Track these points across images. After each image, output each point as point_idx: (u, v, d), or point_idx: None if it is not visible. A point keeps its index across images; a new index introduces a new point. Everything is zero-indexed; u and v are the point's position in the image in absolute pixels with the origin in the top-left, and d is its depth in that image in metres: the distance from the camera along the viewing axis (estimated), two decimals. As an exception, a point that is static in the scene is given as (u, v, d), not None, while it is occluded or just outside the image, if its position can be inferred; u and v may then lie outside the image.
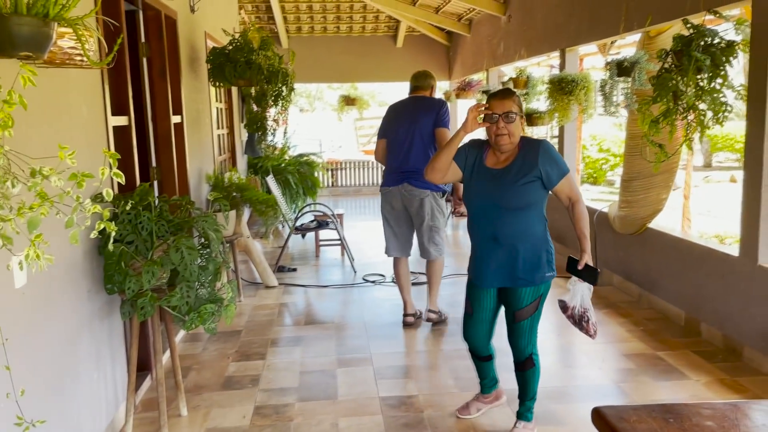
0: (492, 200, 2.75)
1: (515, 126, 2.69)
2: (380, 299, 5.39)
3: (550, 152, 2.74)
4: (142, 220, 2.77)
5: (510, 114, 2.67)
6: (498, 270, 2.81)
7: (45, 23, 1.76)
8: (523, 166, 2.71)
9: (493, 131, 2.70)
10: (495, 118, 2.67)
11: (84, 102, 2.81)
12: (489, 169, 2.80)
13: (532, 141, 2.79)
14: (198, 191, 5.02)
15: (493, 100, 2.71)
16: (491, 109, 2.68)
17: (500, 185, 2.73)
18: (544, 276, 2.84)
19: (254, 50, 5.12)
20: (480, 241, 2.86)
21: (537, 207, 2.77)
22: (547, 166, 2.71)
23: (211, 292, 2.96)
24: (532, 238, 2.78)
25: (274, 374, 3.78)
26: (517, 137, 2.72)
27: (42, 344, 2.30)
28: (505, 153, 2.76)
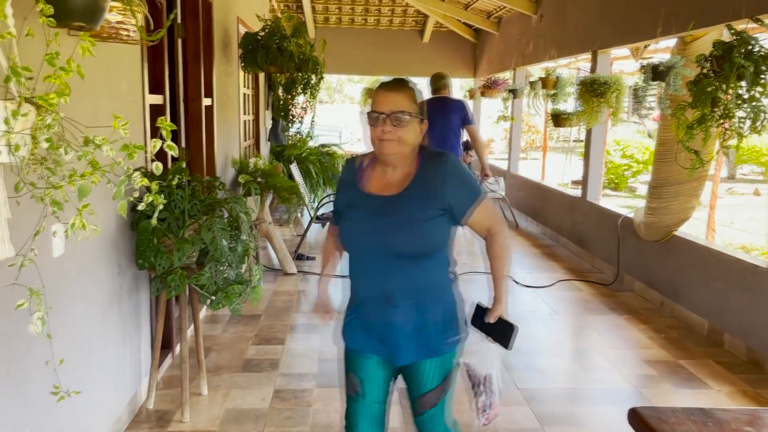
0: (380, 244, 1.85)
1: (408, 130, 1.81)
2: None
3: (460, 171, 1.88)
4: (175, 199, 2.79)
5: (400, 115, 1.79)
6: (391, 340, 1.92)
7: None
8: (425, 193, 1.84)
9: (377, 135, 1.82)
10: (379, 119, 1.80)
11: (123, 77, 2.83)
12: (372, 196, 1.90)
13: (436, 155, 1.90)
14: (224, 174, 5.05)
15: (378, 94, 1.85)
16: (375, 106, 1.83)
17: (392, 221, 1.84)
18: (455, 341, 1.97)
19: (287, 37, 5.13)
20: (365, 301, 1.97)
21: (444, 250, 1.95)
22: (457, 193, 1.86)
23: (238, 273, 2.98)
24: (439, 293, 1.96)
25: (292, 359, 3.79)
26: (410, 145, 1.84)
27: (75, 316, 2.32)
28: (395, 168, 1.89)
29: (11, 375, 1.89)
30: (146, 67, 3.13)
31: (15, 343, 1.88)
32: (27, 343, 1.90)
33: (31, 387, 1.98)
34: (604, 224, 6.03)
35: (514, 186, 9.07)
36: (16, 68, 1.29)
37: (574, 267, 6.22)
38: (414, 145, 1.86)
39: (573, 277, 5.81)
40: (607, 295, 5.29)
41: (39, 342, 1.84)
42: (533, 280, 5.69)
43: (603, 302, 5.08)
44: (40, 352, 1.94)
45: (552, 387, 3.53)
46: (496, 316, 1.98)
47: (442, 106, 5.50)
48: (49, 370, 1.90)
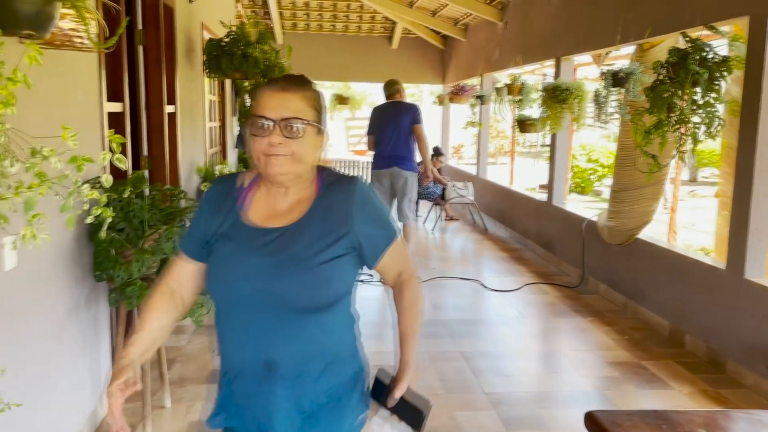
0: (262, 292, 1.37)
1: (304, 143, 1.36)
2: (367, 298, 5.37)
3: (373, 201, 1.46)
4: (134, 208, 2.74)
5: (294, 122, 1.35)
6: (272, 420, 1.40)
7: (49, 2, 1.73)
8: (326, 226, 1.40)
9: (262, 149, 1.35)
10: (266, 127, 1.34)
11: (79, 86, 2.78)
12: (254, 228, 1.42)
13: (341, 179, 1.47)
14: (188, 182, 4.98)
15: (265, 94, 1.38)
16: (260, 110, 1.35)
17: (279, 261, 1.37)
18: (354, 422, 1.49)
19: (251, 43, 5.10)
20: (240, 372, 1.44)
21: (346, 302, 1.47)
22: (370, 228, 1.44)
23: (201, 283, 2.93)
24: (339, 360, 1.47)
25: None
26: (307, 163, 1.39)
27: (28, 329, 2.26)
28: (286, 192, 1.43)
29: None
30: (104, 74, 3.07)
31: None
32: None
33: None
34: (569, 228, 6.11)
35: (483, 191, 9.14)
36: (-47, 79, 1.25)
37: (540, 270, 6.30)
38: (312, 162, 1.41)
39: (539, 280, 5.87)
40: (572, 297, 5.36)
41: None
42: (501, 283, 5.74)
43: (568, 305, 5.15)
44: (-10, 369, 1.88)
45: (518, 390, 3.55)
46: (403, 388, 1.48)
47: (396, 110, 5.95)
48: None
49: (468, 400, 3.40)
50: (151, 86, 4.23)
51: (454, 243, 7.99)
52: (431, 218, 8.96)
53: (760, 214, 3.64)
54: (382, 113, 6.04)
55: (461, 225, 8.93)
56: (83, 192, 1.49)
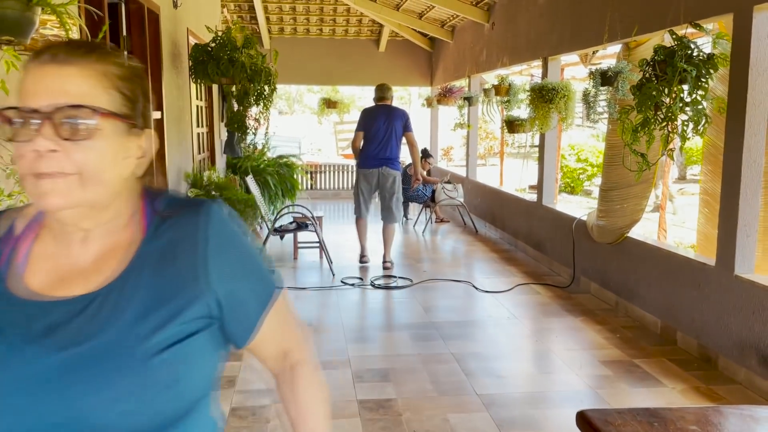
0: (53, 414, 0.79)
1: (100, 150, 0.82)
2: (358, 302, 5.36)
3: (237, 239, 0.95)
4: (120, 215, 2.71)
5: (74, 116, 0.79)
6: None
7: (28, 8, 1.72)
8: (161, 289, 0.86)
9: (27, 164, 0.80)
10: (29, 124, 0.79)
11: (63, 93, 2.75)
12: (30, 302, 0.85)
13: (185, 208, 0.92)
14: (176, 189, 4.95)
15: (31, 71, 0.81)
16: (20, 99, 0.81)
17: (80, 359, 0.80)
18: None
19: (237, 48, 5.08)
20: None
21: (201, 409, 0.92)
22: (234, 282, 0.92)
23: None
24: None
25: (251, 375, 3.72)
26: (107, 185, 0.84)
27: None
28: (85, 238, 0.88)
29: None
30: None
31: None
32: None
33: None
34: (559, 228, 6.12)
35: (473, 192, 9.15)
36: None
37: (532, 270, 6.30)
38: (119, 183, 0.86)
39: (531, 281, 5.88)
40: (564, 297, 5.37)
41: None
42: (492, 285, 5.74)
43: (560, 304, 5.15)
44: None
45: (511, 391, 3.54)
46: None
47: (388, 113, 6.19)
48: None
49: (461, 401, 3.39)
50: (137, 92, 4.21)
51: (444, 245, 7.99)
52: (421, 220, 8.95)
53: (748, 210, 3.66)
54: (373, 115, 6.24)
55: (451, 227, 8.93)
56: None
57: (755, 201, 3.66)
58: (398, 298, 5.42)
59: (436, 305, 5.21)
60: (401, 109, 6.38)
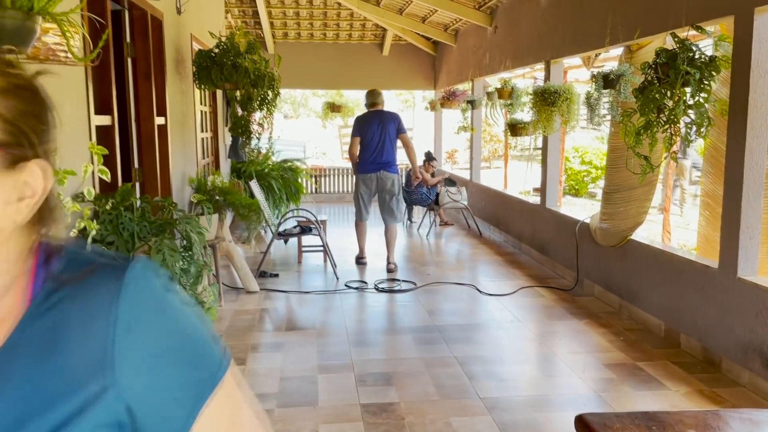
0: None
1: None
2: (362, 306, 5.37)
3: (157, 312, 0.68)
4: (123, 221, 2.73)
5: None
6: None
7: (29, 17, 1.74)
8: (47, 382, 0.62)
9: None
10: None
11: (67, 99, 2.77)
12: None
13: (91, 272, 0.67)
14: (181, 194, 4.98)
15: None
16: None
17: None
18: None
19: (241, 54, 5.11)
20: None
21: None
22: (147, 374, 0.65)
23: (193, 294, 2.93)
24: None
25: (254, 380, 3.73)
26: None
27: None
28: None
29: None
30: (92, 87, 3.07)
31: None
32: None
33: None
34: (563, 230, 6.12)
35: (477, 195, 9.15)
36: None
37: (536, 273, 6.30)
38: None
39: (535, 284, 5.87)
40: (567, 300, 5.36)
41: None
42: (496, 287, 5.73)
43: (564, 307, 5.15)
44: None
45: (514, 395, 3.54)
46: None
47: (381, 118, 6.43)
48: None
49: (464, 405, 3.39)
50: (142, 98, 4.24)
51: (448, 248, 7.99)
52: (425, 224, 8.96)
53: (751, 212, 3.65)
54: (367, 121, 6.48)
55: (455, 230, 8.93)
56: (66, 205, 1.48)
57: (758, 203, 3.65)
58: (402, 301, 5.43)
59: (440, 308, 5.21)
60: (393, 113, 6.60)
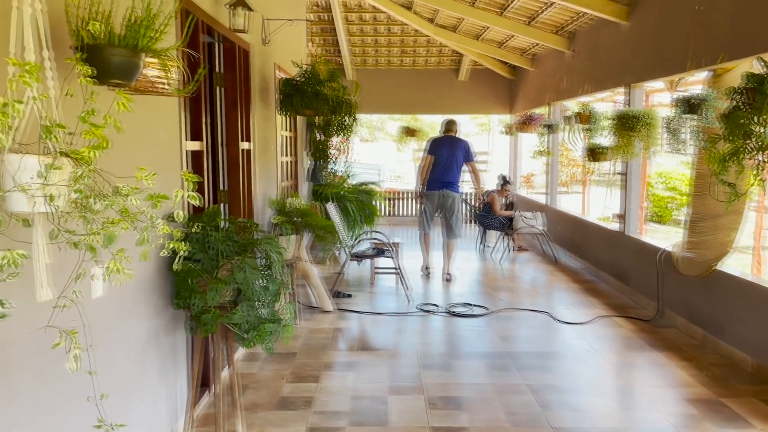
0: None
1: None
2: (434, 329, 5.38)
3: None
4: (210, 240, 2.91)
5: None
6: None
7: (135, 53, 1.92)
8: None
9: None
10: None
11: (162, 127, 3.00)
12: None
13: None
14: (263, 215, 5.19)
15: None
16: None
17: None
18: None
19: (321, 82, 5.31)
20: None
21: None
22: None
23: (271, 312, 3.05)
24: None
25: (327, 397, 3.82)
26: None
27: (113, 354, 2.43)
28: None
29: (56, 411, 1.99)
30: (185, 115, 3.30)
31: (57, 380, 1.98)
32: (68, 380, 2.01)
33: (72, 422, 2.07)
34: (644, 258, 5.92)
35: (554, 220, 8.99)
36: (50, 127, 1.41)
37: (614, 302, 6.10)
38: None
39: (613, 313, 5.69)
40: (647, 331, 5.16)
41: (80, 379, 1.94)
42: (572, 316, 5.60)
43: (643, 339, 4.96)
44: (81, 390, 2.04)
45: (589, 426, 3.45)
46: None
47: (452, 143, 7.19)
48: (87, 406, 2.00)
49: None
50: (229, 125, 4.48)
51: (523, 274, 7.87)
52: (500, 248, 8.87)
53: None
54: (440, 144, 7.25)
55: (531, 255, 8.79)
56: (158, 227, 1.62)
57: None
58: (474, 326, 5.40)
59: (513, 335, 5.15)
60: (464, 140, 7.34)
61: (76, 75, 1.65)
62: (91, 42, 1.81)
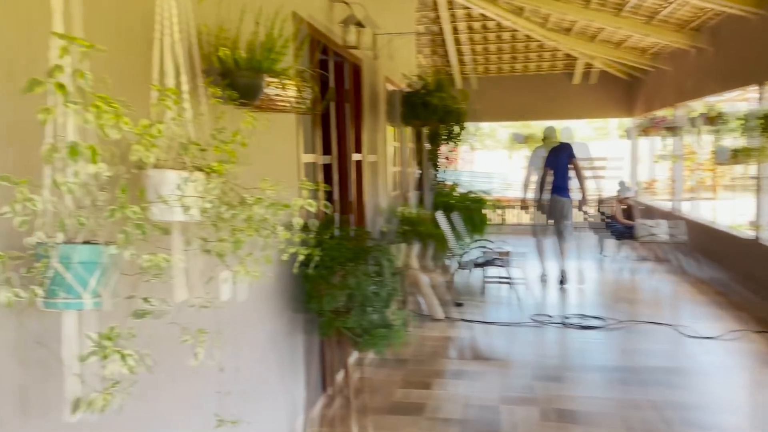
0: None
1: None
2: (548, 340, 5.25)
3: None
4: (325, 248, 3.05)
5: None
6: None
7: (258, 75, 2.07)
8: None
9: None
10: None
11: (281, 141, 3.19)
12: None
13: None
14: (373, 223, 5.34)
15: None
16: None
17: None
18: None
19: (430, 92, 5.39)
20: None
21: None
22: None
23: (383, 317, 3.14)
24: None
25: (438, 404, 3.85)
26: None
27: (239, 353, 2.61)
28: None
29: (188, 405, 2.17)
30: (301, 130, 3.49)
31: (189, 376, 2.17)
32: (199, 376, 2.19)
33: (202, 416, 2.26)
34: (782, 269, 5.43)
35: (679, 228, 8.45)
36: (186, 144, 1.57)
37: (748, 316, 5.64)
38: None
39: (747, 327, 5.26)
40: (788, 348, 4.73)
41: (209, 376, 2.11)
42: (700, 330, 5.25)
43: (783, 356, 4.55)
44: (209, 386, 2.21)
45: (718, 448, 3.23)
46: None
47: (556, 149, 7.44)
48: (214, 402, 2.17)
49: (658, 452, 3.17)
50: (342, 137, 4.67)
51: (646, 285, 7.47)
52: (620, 258, 8.47)
53: None
54: (544, 152, 7.53)
55: (655, 265, 8.32)
56: (278, 234, 1.74)
57: None
58: (591, 338, 5.20)
59: (635, 348, 4.91)
60: (566, 143, 7.54)
61: (207, 96, 1.82)
62: (220, 66, 1.98)
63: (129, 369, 1.35)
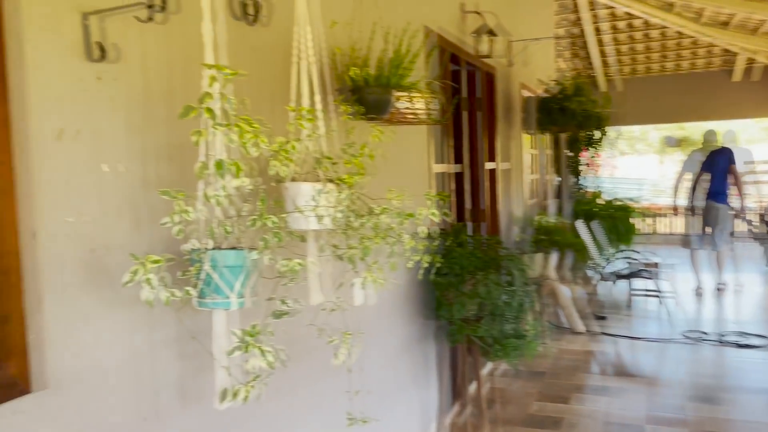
0: None
1: None
2: (702, 359, 4.85)
3: None
4: (455, 256, 3.09)
5: None
6: None
7: (386, 90, 2.17)
8: None
9: None
10: None
11: (412, 152, 3.28)
12: None
13: None
14: (507, 232, 5.27)
15: None
16: None
17: None
18: None
19: (568, 96, 5.23)
20: None
21: None
22: None
23: (516, 328, 3.11)
24: None
25: (576, 419, 3.72)
26: None
27: (372, 358, 2.72)
28: None
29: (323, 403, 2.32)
30: (432, 141, 3.56)
31: (324, 376, 2.31)
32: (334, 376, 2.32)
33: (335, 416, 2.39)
34: None
35: None
36: (320, 158, 1.70)
37: None
38: None
39: None
40: None
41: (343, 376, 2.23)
42: None
43: None
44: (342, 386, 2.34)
45: None
46: None
47: (714, 154, 7.10)
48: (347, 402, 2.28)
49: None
50: (474, 146, 4.68)
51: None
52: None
53: None
54: (702, 157, 7.17)
55: (834, 280, 7.38)
56: (404, 241, 1.81)
57: None
58: (751, 357, 4.74)
59: (804, 371, 4.40)
60: (726, 148, 7.22)
61: (339, 113, 1.94)
62: (351, 84, 2.11)
63: (268, 364, 1.48)
